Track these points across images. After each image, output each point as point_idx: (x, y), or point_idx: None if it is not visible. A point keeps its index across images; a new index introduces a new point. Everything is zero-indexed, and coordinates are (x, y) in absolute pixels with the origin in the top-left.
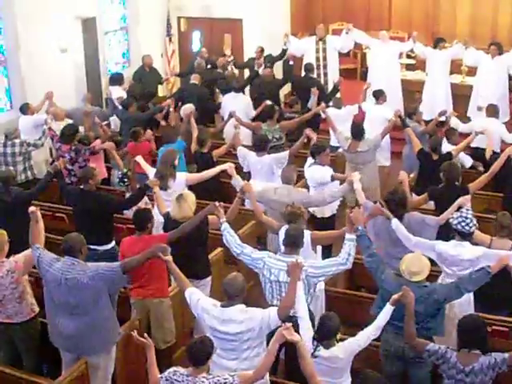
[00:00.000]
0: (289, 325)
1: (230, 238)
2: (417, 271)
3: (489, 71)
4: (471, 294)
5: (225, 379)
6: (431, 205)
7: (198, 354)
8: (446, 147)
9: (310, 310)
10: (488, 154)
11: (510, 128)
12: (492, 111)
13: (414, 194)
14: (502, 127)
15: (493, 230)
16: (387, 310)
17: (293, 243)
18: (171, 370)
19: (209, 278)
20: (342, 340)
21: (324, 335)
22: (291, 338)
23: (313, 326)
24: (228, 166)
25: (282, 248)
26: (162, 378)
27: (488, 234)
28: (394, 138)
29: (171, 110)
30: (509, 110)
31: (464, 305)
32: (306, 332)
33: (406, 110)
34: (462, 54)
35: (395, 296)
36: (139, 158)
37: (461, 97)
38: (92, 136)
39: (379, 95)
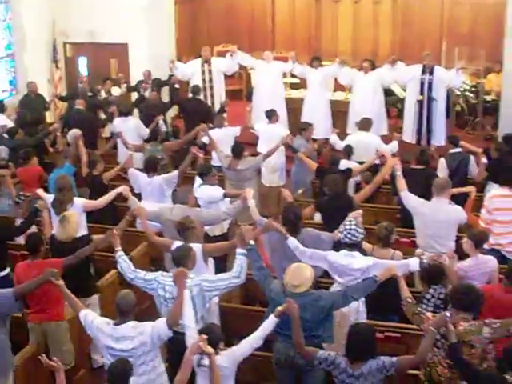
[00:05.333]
0: (205, 337)
1: (124, 264)
2: (297, 284)
3: (364, 87)
4: (361, 303)
5: None
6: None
7: (119, 376)
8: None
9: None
10: (386, 173)
11: (389, 142)
12: (364, 125)
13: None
14: (377, 139)
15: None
16: (271, 321)
17: (178, 264)
18: None
19: (96, 296)
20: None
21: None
22: (207, 350)
23: None
24: (123, 189)
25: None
26: None
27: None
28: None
29: (58, 134)
30: (386, 124)
31: (353, 314)
32: (193, 341)
33: (298, 125)
34: (337, 72)
35: (279, 308)
36: (40, 191)
37: (344, 113)
38: None
39: (271, 115)
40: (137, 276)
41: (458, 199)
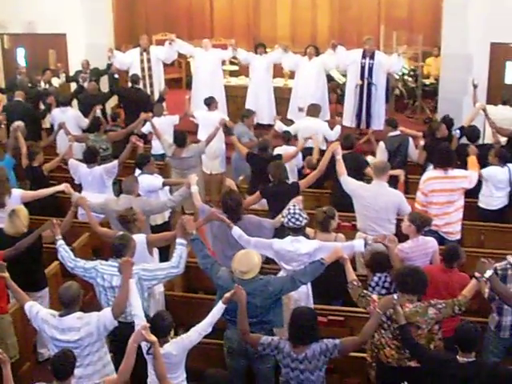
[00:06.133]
0: (147, 325)
1: (65, 253)
2: (246, 270)
3: (307, 73)
4: (309, 287)
5: None
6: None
7: (62, 367)
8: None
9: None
10: (315, 157)
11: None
12: (313, 111)
13: (246, 195)
14: (325, 125)
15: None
16: (219, 308)
17: (117, 252)
18: None
19: (46, 289)
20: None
21: (158, 333)
22: (149, 338)
23: None
24: (64, 186)
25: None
26: None
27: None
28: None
29: (2, 127)
30: (328, 109)
31: (304, 298)
32: None
33: (240, 112)
34: (281, 58)
35: (227, 294)
36: None
37: (284, 100)
38: None
39: (210, 102)
40: (76, 265)
41: (391, 182)
